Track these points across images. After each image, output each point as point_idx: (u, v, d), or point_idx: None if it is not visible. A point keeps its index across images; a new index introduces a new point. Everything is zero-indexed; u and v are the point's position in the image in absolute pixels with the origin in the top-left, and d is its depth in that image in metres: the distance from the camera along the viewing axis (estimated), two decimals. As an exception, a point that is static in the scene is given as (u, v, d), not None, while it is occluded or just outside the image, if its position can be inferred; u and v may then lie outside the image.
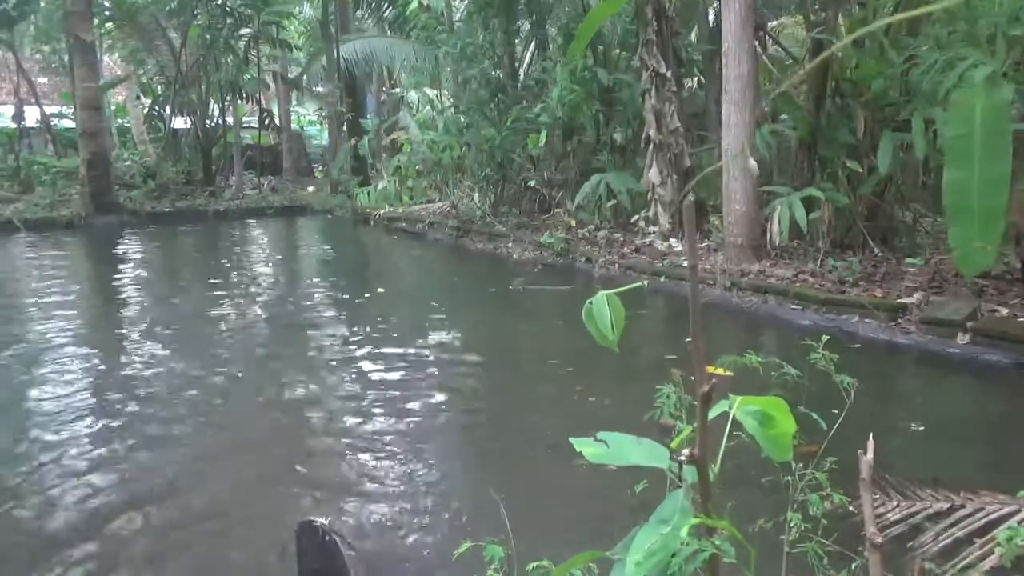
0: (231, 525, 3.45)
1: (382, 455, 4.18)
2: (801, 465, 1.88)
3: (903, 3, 7.85)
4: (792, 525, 1.86)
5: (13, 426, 4.61)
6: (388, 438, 4.41)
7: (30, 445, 4.33)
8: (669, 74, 9.11)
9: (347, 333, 6.91)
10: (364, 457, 4.16)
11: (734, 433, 1.19)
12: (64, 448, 4.25)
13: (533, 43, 13.91)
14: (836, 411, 2.16)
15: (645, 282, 1.40)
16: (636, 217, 9.79)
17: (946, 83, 6.11)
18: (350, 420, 4.71)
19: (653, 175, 9.17)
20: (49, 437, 4.42)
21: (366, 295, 8.93)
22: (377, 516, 3.51)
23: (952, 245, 5.72)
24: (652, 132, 9.21)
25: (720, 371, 2.12)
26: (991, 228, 5.45)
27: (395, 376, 5.52)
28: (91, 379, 5.55)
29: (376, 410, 4.86)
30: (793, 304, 6.97)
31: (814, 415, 1.82)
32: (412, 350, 6.16)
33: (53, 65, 21.34)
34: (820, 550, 1.81)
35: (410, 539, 3.32)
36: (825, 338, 2.18)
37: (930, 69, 6.57)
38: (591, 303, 1.22)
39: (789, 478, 1.91)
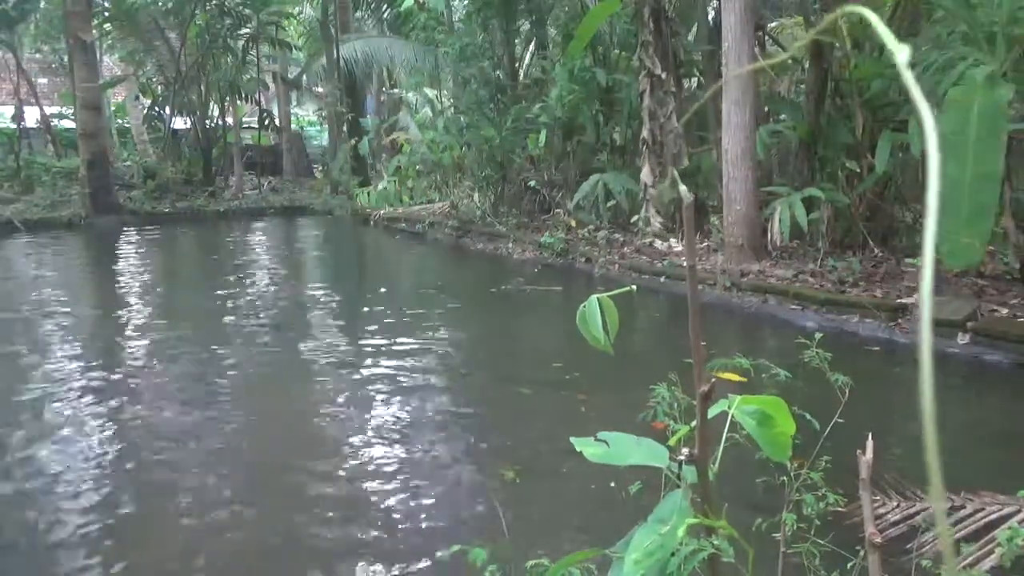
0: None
1: (379, 454, 4.18)
2: (797, 465, 1.88)
3: (901, 4, 7.85)
4: (788, 525, 1.86)
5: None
6: (387, 436, 4.41)
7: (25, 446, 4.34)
8: (664, 75, 9.11)
9: (347, 333, 6.91)
10: (361, 455, 4.16)
11: (730, 434, 1.19)
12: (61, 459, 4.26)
13: (533, 43, 13.92)
14: (839, 413, 2.16)
15: (634, 287, 1.39)
16: (635, 218, 9.79)
17: (945, 83, 6.12)
18: (349, 419, 4.71)
19: (645, 175, 9.18)
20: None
21: (367, 295, 8.93)
22: (375, 513, 3.51)
23: (940, 240, 5.73)
24: (646, 133, 9.21)
25: (732, 376, 2.11)
26: (980, 224, 5.47)
27: (395, 376, 5.52)
28: (92, 385, 5.55)
29: (375, 411, 4.86)
30: (793, 304, 6.97)
31: (807, 415, 1.82)
32: (412, 350, 6.17)
33: (53, 65, 21.35)
34: (816, 550, 1.81)
35: (408, 538, 3.32)
36: (818, 336, 2.18)
37: (929, 69, 6.57)
38: (584, 307, 1.22)
39: (785, 478, 1.91)
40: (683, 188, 1.01)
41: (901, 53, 0.48)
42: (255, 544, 3.29)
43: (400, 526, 3.42)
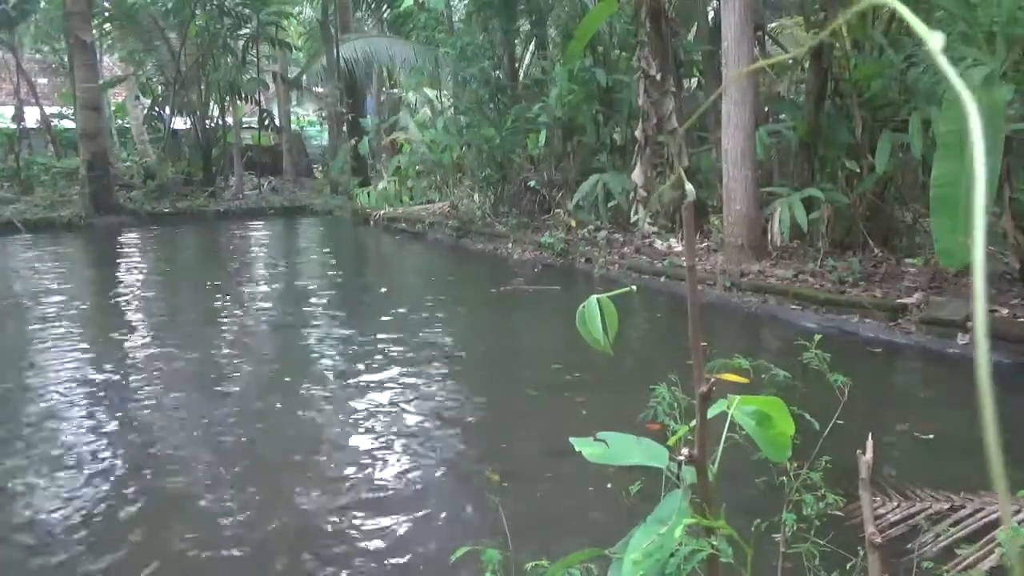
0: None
1: (376, 454, 4.18)
2: (796, 465, 1.88)
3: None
4: (788, 525, 1.86)
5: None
6: (385, 436, 4.41)
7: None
8: (659, 76, 9.09)
9: (346, 333, 6.91)
10: (356, 454, 4.16)
11: (729, 435, 1.19)
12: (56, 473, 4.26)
13: (533, 43, 13.91)
14: (839, 414, 2.16)
15: (634, 287, 1.36)
16: (635, 217, 9.79)
17: (944, 83, 6.12)
18: (346, 418, 4.71)
19: (637, 176, 9.16)
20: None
21: (367, 296, 8.93)
22: (374, 514, 3.51)
23: (935, 238, 5.74)
24: (639, 133, 9.20)
25: (734, 378, 2.10)
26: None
27: (393, 377, 5.52)
28: (93, 391, 5.54)
29: (373, 410, 4.86)
30: (793, 304, 6.97)
31: (807, 416, 1.82)
32: (411, 350, 6.16)
33: (53, 65, 21.37)
34: (816, 551, 1.81)
35: (407, 539, 3.32)
36: (818, 336, 2.18)
37: (929, 69, 6.57)
38: (584, 307, 1.22)
39: (784, 479, 1.91)
40: (689, 186, 1.01)
41: (936, 40, 0.48)
42: (255, 541, 3.29)
43: (398, 525, 3.42)
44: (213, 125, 18.51)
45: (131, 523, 3.46)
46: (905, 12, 0.52)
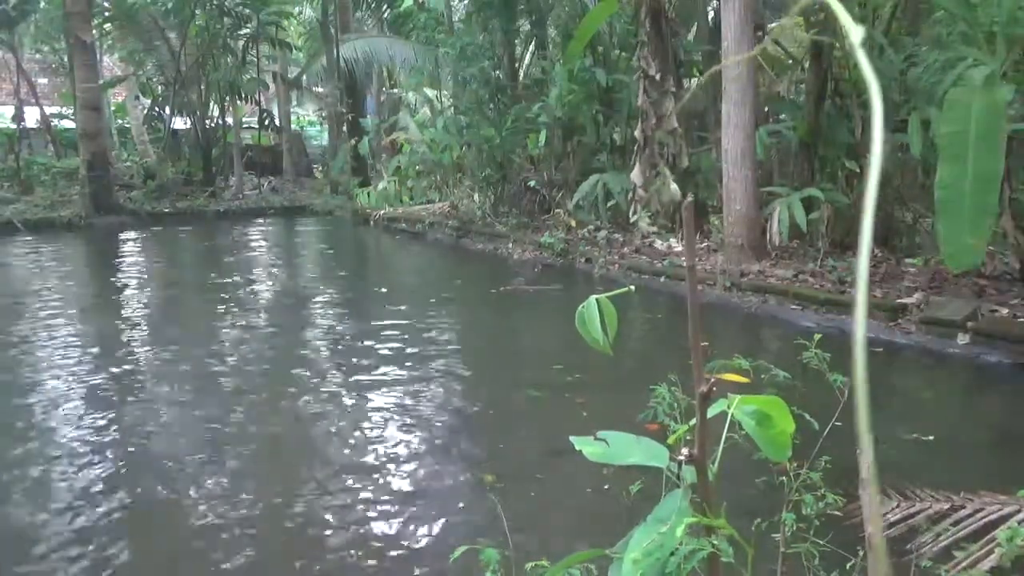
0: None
1: (377, 456, 4.18)
2: (796, 465, 1.88)
3: (901, 4, 7.86)
4: (788, 525, 1.86)
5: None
6: (383, 437, 4.41)
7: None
8: (659, 76, 9.09)
9: (346, 334, 6.91)
10: (359, 457, 4.16)
11: (729, 434, 1.19)
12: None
13: (533, 43, 13.92)
14: (838, 414, 2.15)
15: (632, 287, 1.35)
16: (635, 217, 9.79)
17: (945, 83, 6.13)
18: (347, 426, 4.71)
19: (635, 176, 9.16)
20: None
21: (367, 296, 8.93)
22: (373, 516, 3.51)
23: (943, 242, 5.75)
24: (638, 133, 9.20)
25: (735, 378, 2.10)
26: (980, 225, 5.47)
27: (392, 377, 5.52)
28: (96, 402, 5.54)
29: (372, 412, 4.86)
30: (793, 304, 6.97)
31: (806, 416, 1.82)
32: (411, 350, 6.16)
33: (53, 65, 21.37)
34: (816, 550, 1.81)
35: (406, 539, 3.32)
36: (818, 337, 2.18)
37: (929, 69, 6.58)
38: (583, 308, 1.22)
39: (784, 478, 1.92)
40: (674, 187, 1.01)
41: (855, 33, 0.48)
42: (252, 542, 3.29)
43: (398, 525, 3.43)
44: (213, 125, 18.51)
45: (122, 516, 3.47)
46: (834, 4, 0.53)
